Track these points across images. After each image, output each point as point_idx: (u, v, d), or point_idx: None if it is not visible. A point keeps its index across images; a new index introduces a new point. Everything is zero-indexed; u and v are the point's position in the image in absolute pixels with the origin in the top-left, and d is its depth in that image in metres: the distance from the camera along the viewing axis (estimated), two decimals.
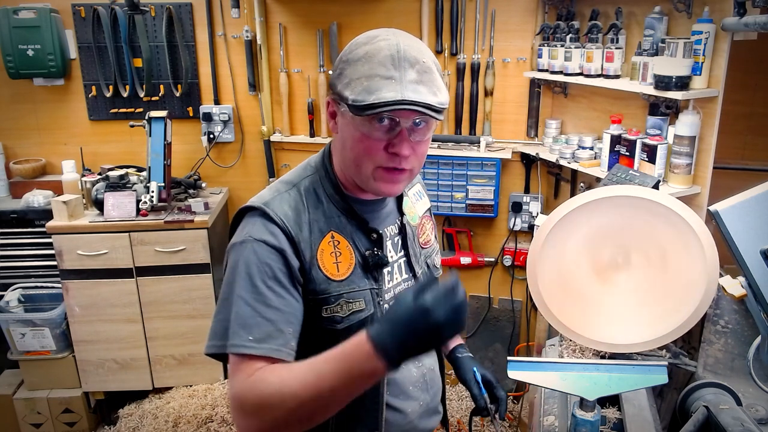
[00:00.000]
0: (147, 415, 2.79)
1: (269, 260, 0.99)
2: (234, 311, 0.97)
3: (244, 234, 1.01)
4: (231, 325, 0.97)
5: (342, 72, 0.99)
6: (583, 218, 1.58)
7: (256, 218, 1.02)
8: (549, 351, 1.74)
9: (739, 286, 1.41)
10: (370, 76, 0.96)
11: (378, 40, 0.98)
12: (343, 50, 1.02)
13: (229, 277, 1.00)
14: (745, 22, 1.63)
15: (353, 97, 0.96)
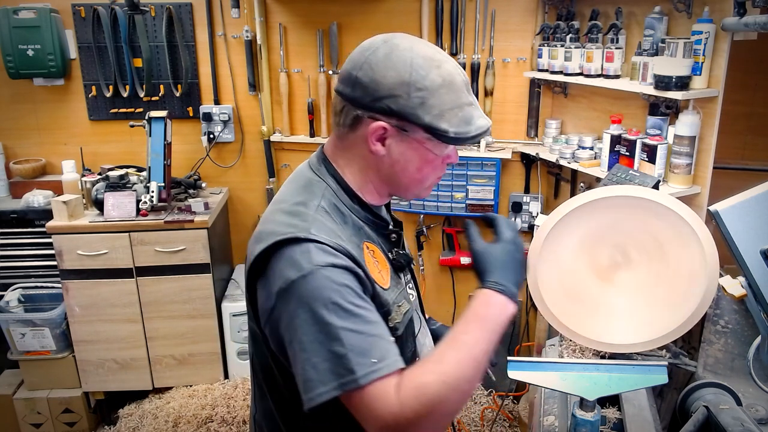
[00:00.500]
0: (147, 415, 2.79)
1: (345, 281, 0.91)
2: (343, 344, 0.87)
3: (304, 265, 0.90)
4: (348, 358, 0.86)
5: (424, 102, 0.97)
6: (583, 218, 1.57)
7: (308, 246, 0.92)
8: (549, 351, 1.74)
9: (739, 286, 1.41)
10: (460, 106, 0.99)
11: (442, 63, 0.99)
12: (399, 75, 0.97)
13: (309, 315, 0.88)
14: (745, 22, 1.63)
15: (455, 129, 0.98)
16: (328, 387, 0.87)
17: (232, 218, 3.19)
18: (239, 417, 2.73)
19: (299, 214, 0.98)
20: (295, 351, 0.90)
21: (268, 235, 0.95)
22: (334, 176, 1.06)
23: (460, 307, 3.12)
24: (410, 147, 1.01)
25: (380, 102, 0.98)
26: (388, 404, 0.86)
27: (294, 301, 0.90)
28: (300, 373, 0.89)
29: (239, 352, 2.93)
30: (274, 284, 0.92)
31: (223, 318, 2.85)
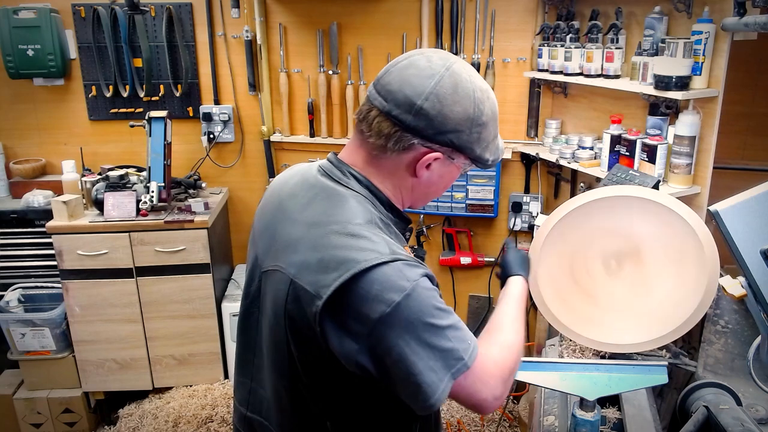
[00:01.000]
0: (147, 415, 2.79)
1: (432, 286, 0.98)
2: (447, 338, 0.95)
3: (403, 284, 0.92)
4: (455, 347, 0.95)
5: (480, 136, 1.02)
6: (583, 218, 1.58)
7: (398, 265, 0.94)
8: (549, 351, 1.74)
9: (739, 286, 1.41)
10: (496, 136, 1.08)
11: (489, 93, 1.04)
12: (466, 111, 0.99)
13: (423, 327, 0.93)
14: (745, 22, 1.63)
15: (493, 157, 1.07)
16: (447, 380, 0.94)
17: (232, 218, 3.19)
18: None
19: (362, 236, 0.96)
20: (409, 364, 0.92)
21: (341, 263, 0.92)
22: (369, 188, 1.05)
23: (460, 306, 3.12)
24: (449, 171, 1.07)
25: (444, 136, 0.99)
26: (492, 373, 1.00)
27: (403, 319, 0.92)
28: (420, 381, 0.92)
29: None
30: (373, 310, 0.91)
31: (223, 318, 2.85)
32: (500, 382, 1.00)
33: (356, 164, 1.06)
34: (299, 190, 1.07)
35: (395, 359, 0.93)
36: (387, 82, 1.00)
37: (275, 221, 1.08)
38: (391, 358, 0.93)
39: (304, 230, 1.00)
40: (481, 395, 0.98)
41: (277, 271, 1.01)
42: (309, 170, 1.10)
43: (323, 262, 0.94)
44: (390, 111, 0.98)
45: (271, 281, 1.04)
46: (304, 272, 0.96)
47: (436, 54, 1.02)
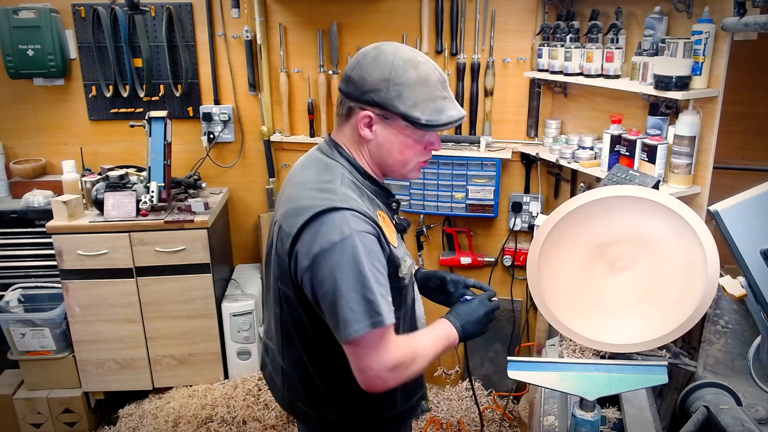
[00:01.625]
0: (147, 415, 2.79)
1: (373, 246, 1.17)
2: (370, 294, 1.13)
3: (345, 230, 1.14)
4: (373, 307, 1.13)
5: (400, 95, 1.20)
6: (584, 218, 1.58)
7: (346, 214, 1.16)
8: (549, 351, 1.74)
9: (739, 286, 1.41)
10: (433, 99, 1.22)
11: (420, 64, 1.22)
12: (382, 73, 1.20)
13: (348, 270, 1.13)
14: (745, 22, 1.63)
15: (426, 118, 1.21)
16: (363, 324, 1.12)
17: (232, 218, 3.19)
18: (239, 417, 2.73)
19: (329, 189, 1.20)
20: (334, 298, 1.13)
21: (306, 209, 1.18)
22: (346, 158, 1.29)
23: None
24: (392, 132, 1.25)
25: (366, 95, 1.22)
26: (393, 349, 1.18)
27: (335, 259, 1.13)
28: (339, 315, 1.13)
29: (239, 352, 2.93)
30: (316, 245, 1.15)
31: (223, 318, 2.85)
32: (390, 364, 1.17)
33: (336, 138, 1.33)
34: (303, 161, 1.37)
35: (325, 291, 1.15)
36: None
37: (284, 186, 1.36)
38: (322, 290, 1.15)
39: (293, 189, 1.28)
40: (367, 362, 1.16)
41: (276, 222, 1.30)
42: (314, 147, 1.38)
43: (297, 210, 1.20)
44: (339, 85, 1.28)
45: (273, 230, 1.32)
46: (286, 219, 1.23)
47: (379, 42, 1.26)
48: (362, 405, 1.36)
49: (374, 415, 1.39)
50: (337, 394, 1.35)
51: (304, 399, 1.38)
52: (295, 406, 1.41)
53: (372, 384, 1.19)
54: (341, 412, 1.37)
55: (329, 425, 1.39)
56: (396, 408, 1.41)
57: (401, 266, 1.29)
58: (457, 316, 1.37)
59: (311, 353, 1.33)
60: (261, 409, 2.76)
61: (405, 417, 1.46)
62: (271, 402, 2.79)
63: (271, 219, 1.40)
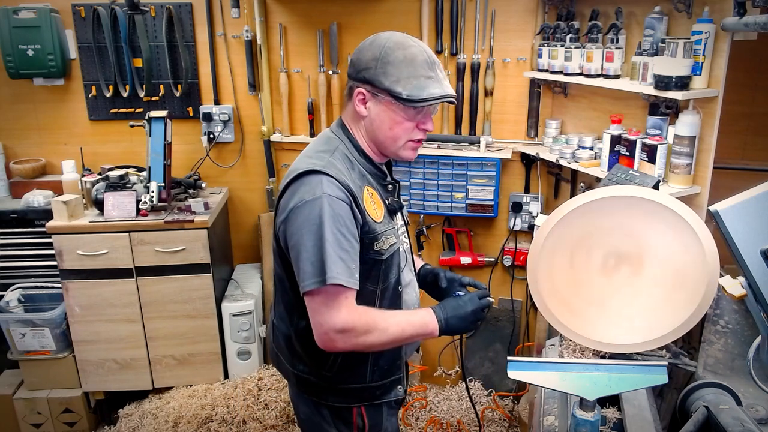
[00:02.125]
0: (147, 415, 2.79)
1: (341, 211, 1.26)
2: (325, 252, 1.22)
3: (317, 191, 1.25)
4: (326, 264, 1.22)
5: (385, 71, 1.30)
6: (584, 218, 1.58)
7: (322, 178, 1.27)
8: (549, 351, 1.74)
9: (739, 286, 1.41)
10: (417, 77, 1.30)
11: (409, 47, 1.32)
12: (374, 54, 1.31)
13: (311, 226, 1.24)
14: (745, 22, 1.63)
15: (407, 93, 1.30)
16: (314, 280, 1.23)
17: (232, 218, 3.19)
18: (239, 417, 2.73)
19: (319, 157, 1.33)
20: (298, 251, 1.26)
21: (293, 171, 1.32)
22: (348, 136, 1.41)
23: None
24: (382, 109, 1.35)
25: (359, 73, 1.34)
26: (343, 310, 1.26)
27: (304, 216, 1.25)
28: (300, 267, 1.25)
29: (239, 352, 2.93)
30: (291, 202, 1.28)
31: (223, 318, 2.85)
32: (339, 325, 1.25)
33: (344, 118, 1.44)
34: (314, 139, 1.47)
35: (292, 244, 1.28)
36: None
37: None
38: (291, 242, 1.28)
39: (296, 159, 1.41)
40: (317, 317, 1.26)
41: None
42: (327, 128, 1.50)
43: (289, 173, 1.34)
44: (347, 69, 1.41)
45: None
46: (282, 182, 1.36)
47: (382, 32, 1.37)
48: (329, 368, 1.44)
49: (341, 382, 1.46)
50: (309, 353, 1.43)
51: (286, 355, 1.50)
52: (280, 362, 1.53)
53: (322, 341, 1.29)
54: (312, 371, 1.46)
55: (302, 382, 1.48)
56: (365, 382, 1.47)
57: (380, 241, 1.36)
58: (443, 308, 1.42)
59: (289, 308, 1.44)
60: (261, 409, 2.76)
61: (376, 395, 1.49)
62: (271, 402, 2.80)
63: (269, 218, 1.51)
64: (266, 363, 3.06)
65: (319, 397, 1.48)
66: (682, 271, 1.50)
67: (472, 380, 3.11)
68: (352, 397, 1.48)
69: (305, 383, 1.47)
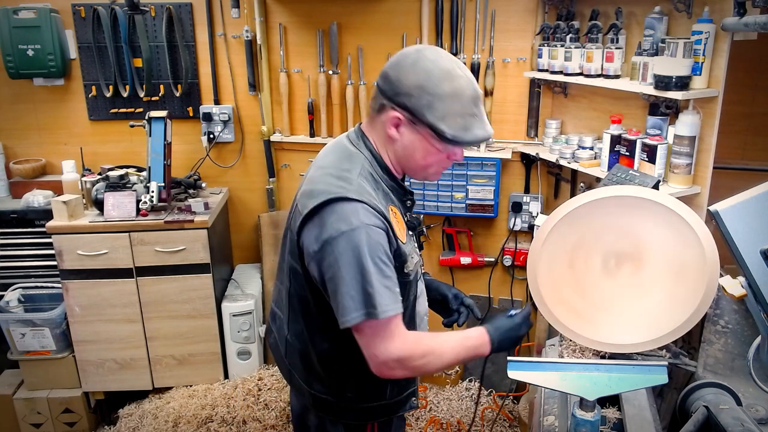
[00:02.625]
0: (147, 415, 2.79)
1: (380, 239, 1.21)
2: (371, 285, 1.18)
3: (353, 221, 1.19)
4: (374, 297, 1.18)
5: (431, 104, 1.21)
6: (584, 218, 1.58)
7: (357, 206, 1.20)
8: (549, 351, 1.74)
9: (739, 286, 1.41)
10: (463, 115, 1.23)
11: (457, 77, 1.23)
12: (418, 80, 1.21)
13: (352, 259, 1.18)
14: (745, 22, 1.63)
15: (452, 132, 1.23)
16: (359, 313, 1.18)
17: (232, 218, 3.19)
18: (239, 417, 2.73)
19: (346, 178, 1.25)
20: (337, 284, 1.20)
21: (321, 193, 1.22)
22: (370, 150, 1.33)
23: None
24: (417, 138, 1.27)
25: (399, 97, 1.24)
26: (399, 340, 1.23)
27: (341, 248, 1.18)
28: (339, 301, 1.20)
29: (239, 352, 2.93)
30: (325, 232, 1.20)
31: (223, 318, 2.85)
32: (395, 355, 1.23)
33: (365, 128, 1.36)
34: (329, 147, 1.41)
35: (330, 276, 1.21)
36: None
37: (309, 168, 1.41)
38: (328, 275, 1.22)
39: (314, 172, 1.33)
40: (373, 350, 1.23)
41: (295, 199, 1.36)
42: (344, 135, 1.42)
43: (313, 192, 1.25)
44: (377, 81, 1.30)
45: (292, 206, 1.37)
46: (302, 198, 1.28)
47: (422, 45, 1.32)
48: (351, 389, 1.42)
49: (361, 401, 1.44)
50: (330, 375, 1.41)
51: (301, 373, 1.45)
52: (293, 377, 1.49)
53: (379, 370, 1.26)
54: (331, 392, 1.43)
55: (319, 402, 1.45)
56: (384, 399, 1.46)
57: (408, 262, 1.33)
58: (497, 330, 1.38)
59: (311, 330, 1.40)
60: (261, 409, 2.76)
61: (394, 410, 1.49)
62: (271, 402, 2.80)
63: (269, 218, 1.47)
64: (266, 363, 3.06)
65: (336, 416, 1.46)
66: (682, 271, 1.50)
67: (472, 380, 3.11)
68: (370, 415, 1.47)
69: (322, 403, 1.45)
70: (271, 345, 1.59)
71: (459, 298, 1.60)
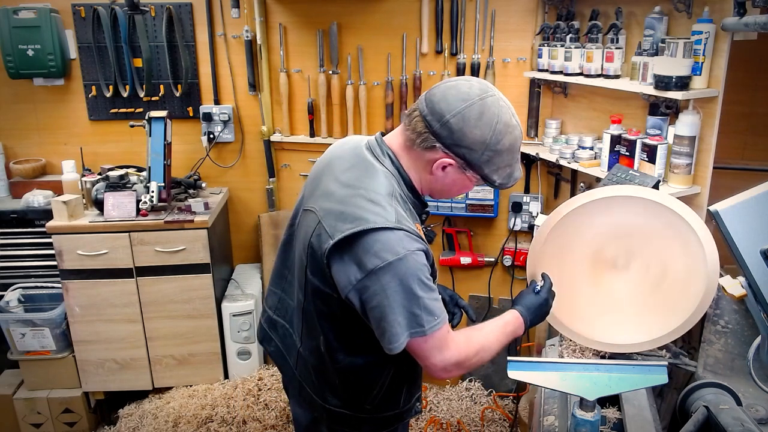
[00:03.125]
0: (147, 415, 2.79)
1: (424, 261, 1.23)
2: (422, 306, 1.20)
3: (399, 250, 1.18)
4: (425, 315, 1.20)
5: (490, 160, 1.24)
6: (583, 218, 1.58)
7: (401, 234, 1.20)
8: (549, 351, 1.74)
9: (739, 286, 1.41)
10: (511, 165, 1.28)
11: (513, 129, 1.25)
12: (483, 136, 1.22)
13: (400, 287, 1.19)
14: (745, 22, 1.63)
15: (500, 181, 1.29)
16: (405, 336, 1.20)
17: (232, 218, 3.19)
18: (239, 417, 2.73)
19: (379, 203, 1.23)
20: (384, 312, 1.20)
21: (356, 219, 1.20)
22: (398, 169, 1.31)
23: None
24: (462, 179, 1.30)
25: (459, 149, 1.23)
26: (454, 347, 1.27)
27: (389, 277, 1.18)
28: (387, 327, 1.20)
29: (239, 352, 2.93)
30: (370, 262, 1.18)
31: (223, 318, 2.85)
32: (453, 360, 1.26)
33: (393, 146, 1.33)
34: (347, 155, 1.36)
35: (374, 305, 1.20)
36: (433, 94, 1.25)
37: (322, 174, 1.37)
38: (372, 303, 1.20)
39: (339, 187, 1.28)
40: (431, 360, 1.26)
41: (311, 212, 1.31)
42: (360, 142, 1.38)
43: (344, 214, 1.22)
44: (426, 116, 1.24)
45: (306, 218, 1.34)
46: (329, 217, 1.25)
47: (479, 84, 1.25)
48: (371, 402, 1.43)
49: (377, 412, 1.45)
50: (349, 389, 1.41)
51: (314, 386, 1.45)
52: (302, 390, 1.48)
53: (438, 375, 1.29)
54: (348, 405, 1.43)
55: (333, 415, 1.45)
56: (398, 408, 1.48)
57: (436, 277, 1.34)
58: (529, 309, 1.44)
59: (333, 346, 1.37)
60: (261, 409, 2.76)
61: (403, 417, 1.51)
62: (271, 402, 2.79)
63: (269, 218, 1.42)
64: (266, 363, 3.06)
65: (351, 428, 1.47)
66: (682, 271, 1.50)
67: (472, 380, 3.11)
68: (385, 424, 1.49)
69: (337, 416, 1.45)
70: (272, 353, 1.58)
71: (454, 300, 1.64)
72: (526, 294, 1.48)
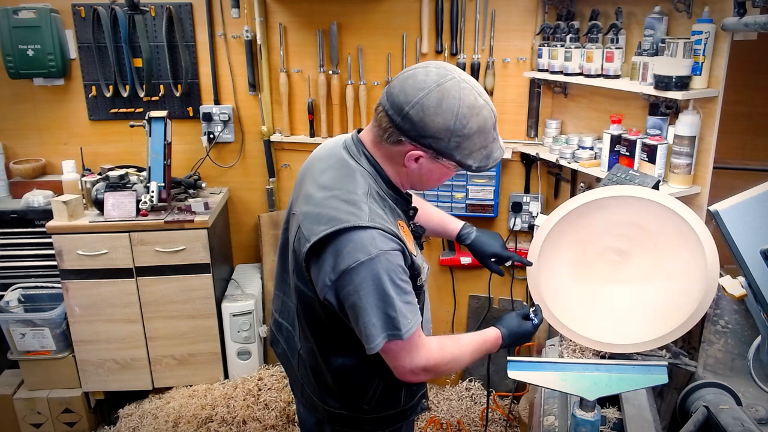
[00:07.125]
0: (147, 415, 2.79)
1: (399, 262, 1.21)
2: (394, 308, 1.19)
3: (371, 250, 1.17)
4: (398, 319, 1.19)
5: (460, 145, 1.19)
6: (584, 218, 1.58)
7: (373, 233, 1.18)
8: (549, 351, 1.74)
9: (739, 286, 1.41)
10: (486, 146, 1.23)
11: (480, 109, 1.19)
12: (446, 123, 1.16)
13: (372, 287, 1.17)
14: (745, 22, 1.63)
15: (477, 164, 1.23)
16: (381, 338, 1.19)
17: (232, 218, 3.19)
18: (239, 417, 2.73)
19: (354, 202, 1.21)
20: (358, 313, 1.19)
21: (330, 219, 1.19)
22: (374, 166, 1.29)
23: (460, 306, 3.12)
24: (437, 167, 1.26)
25: (425, 139, 1.19)
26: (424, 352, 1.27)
27: (361, 277, 1.17)
28: (363, 328, 1.20)
29: (239, 352, 2.93)
30: (342, 263, 1.17)
31: (223, 318, 2.85)
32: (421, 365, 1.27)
33: (368, 146, 1.30)
34: (325, 156, 1.36)
35: (350, 305, 1.20)
36: (392, 87, 1.21)
37: (305, 177, 1.38)
38: (348, 303, 1.20)
39: (317, 190, 1.28)
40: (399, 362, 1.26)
41: (295, 215, 1.32)
42: (338, 142, 1.36)
43: (320, 216, 1.22)
44: (387, 110, 1.21)
45: (293, 221, 1.34)
46: (307, 220, 1.25)
47: (436, 69, 1.19)
48: (367, 402, 1.42)
49: (376, 411, 1.45)
50: (344, 389, 1.41)
51: (314, 388, 1.46)
52: (304, 391, 1.50)
53: (405, 378, 1.30)
54: (346, 406, 1.43)
55: (334, 416, 1.45)
56: (399, 406, 1.47)
57: (420, 275, 1.33)
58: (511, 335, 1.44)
59: (323, 347, 1.39)
60: (261, 409, 2.76)
61: (407, 415, 1.51)
62: (271, 402, 2.79)
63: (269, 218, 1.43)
64: (266, 363, 3.06)
65: (353, 428, 1.47)
66: (683, 271, 1.50)
67: (472, 380, 3.10)
68: (388, 423, 1.49)
69: (338, 417, 1.45)
70: (280, 355, 1.59)
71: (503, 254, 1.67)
72: (514, 318, 1.47)
